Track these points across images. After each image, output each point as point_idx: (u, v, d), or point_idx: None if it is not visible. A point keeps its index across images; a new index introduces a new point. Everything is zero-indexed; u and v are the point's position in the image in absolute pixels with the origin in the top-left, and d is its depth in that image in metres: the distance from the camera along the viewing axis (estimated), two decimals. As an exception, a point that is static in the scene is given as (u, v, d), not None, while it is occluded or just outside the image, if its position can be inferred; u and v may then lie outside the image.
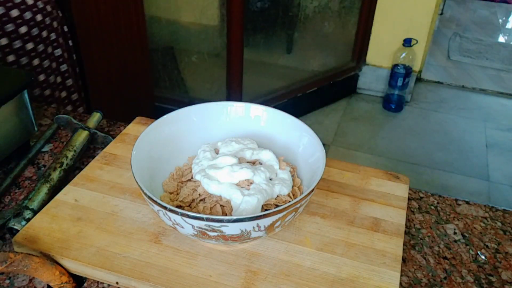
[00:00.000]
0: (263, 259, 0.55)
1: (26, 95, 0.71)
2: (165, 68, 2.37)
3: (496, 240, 0.63)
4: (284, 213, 0.50)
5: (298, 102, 2.43)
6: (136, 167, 0.54)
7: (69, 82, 1.26)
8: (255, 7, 2.49)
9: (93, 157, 0.71)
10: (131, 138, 0.73)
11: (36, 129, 0.75)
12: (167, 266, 0.53)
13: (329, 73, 2.54)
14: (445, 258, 0.60)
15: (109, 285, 0.54)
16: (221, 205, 0.55)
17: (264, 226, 0.50)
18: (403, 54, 2.43)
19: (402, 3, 2.37)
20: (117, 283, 0.53)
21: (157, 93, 2.13)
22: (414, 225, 0.65)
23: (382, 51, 2.53)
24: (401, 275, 0.57)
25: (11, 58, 1.07)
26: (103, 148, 0.73)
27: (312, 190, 0.52)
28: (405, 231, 0.61)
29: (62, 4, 1.27)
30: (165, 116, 0.63)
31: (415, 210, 0.67)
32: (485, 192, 2.06)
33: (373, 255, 0.56)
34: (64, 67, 1.23)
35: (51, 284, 0.52)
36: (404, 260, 0.59)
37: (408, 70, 2.45)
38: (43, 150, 0.76)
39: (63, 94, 1.25)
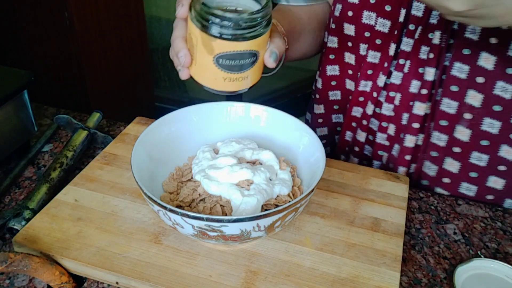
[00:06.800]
0: (263, 259, 0.55)
1: (26, 95, 0.71)
2: (165, 68, 2.37)
3: (496, 240, 0.63)
4: (284, 213, 0.50)
5: (298, 102, 2.43)
6: (136, 167, 0.54)
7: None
8: (255, 7, 2.48)
9: (93, 157, 0.71)
10: (131, 138, 0.73)
11: (36, 129, 0.75)
12: (167, 266, 0.53)
13: (329, 73, 2.54)
14: (445, 258, 0.60)
15: (109, 285, 0.54)
16: (221, 205, 0.55)
17: (264, 226, 0.50)
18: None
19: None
20: (117, 283, 0.53)
21: (157, 93, 2.13)
22: (414, 225, 0.65)
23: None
24: (401, 275, 0.56)
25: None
26: (103, 148, 0.73)
27: (312, 190, 0.52)
28: (405, 231, 0.61)
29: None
30: (165, 116, 0.63)
31: (415, 210, 0.67)
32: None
33: (373, 255, 0.56)
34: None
35: (51, 284, 0.52)
36: (404, 260, 0.59)
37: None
38: (43, 150, 0.76)
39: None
